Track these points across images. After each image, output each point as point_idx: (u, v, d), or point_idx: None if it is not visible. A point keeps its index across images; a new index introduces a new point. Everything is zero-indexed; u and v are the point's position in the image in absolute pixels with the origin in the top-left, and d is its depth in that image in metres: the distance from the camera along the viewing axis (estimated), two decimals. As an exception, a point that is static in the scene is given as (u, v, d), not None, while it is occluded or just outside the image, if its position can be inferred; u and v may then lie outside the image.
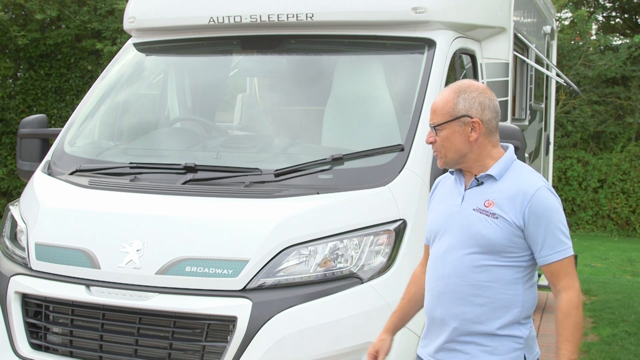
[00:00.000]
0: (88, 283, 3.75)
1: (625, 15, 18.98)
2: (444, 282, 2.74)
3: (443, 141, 2.73)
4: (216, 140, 4.96)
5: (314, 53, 5.03)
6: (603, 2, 18.93)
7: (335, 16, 4.60)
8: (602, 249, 12.96)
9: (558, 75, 8.56)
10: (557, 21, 12.65)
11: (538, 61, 7.15)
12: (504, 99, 5.18)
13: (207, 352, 3.53)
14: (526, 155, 4.92)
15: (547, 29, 8.30)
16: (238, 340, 3.44)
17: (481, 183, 2.74)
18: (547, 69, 7.92)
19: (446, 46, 4.49)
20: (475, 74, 5.03)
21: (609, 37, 16.92)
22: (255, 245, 3.58)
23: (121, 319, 3.69)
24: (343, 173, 3.97)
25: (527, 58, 6.52)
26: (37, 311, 3.91)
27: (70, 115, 5.20)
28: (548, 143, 8.84)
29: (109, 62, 5.29)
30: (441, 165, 2.80)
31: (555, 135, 11.29)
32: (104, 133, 5.12)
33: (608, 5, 19.01)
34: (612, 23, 19.29)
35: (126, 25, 5.23)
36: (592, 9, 18.06)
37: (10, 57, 14.01)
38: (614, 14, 19.24)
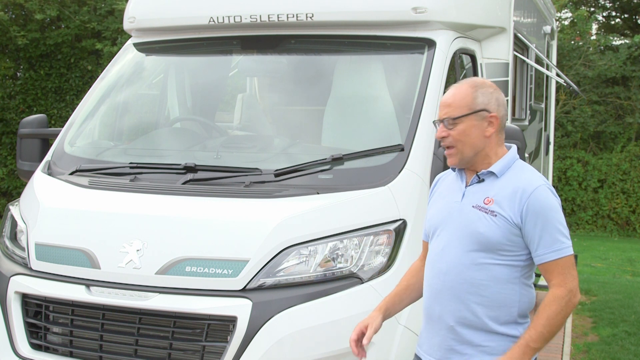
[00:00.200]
0: (88, 283, 3.74)
1: (625, 15, 18.98)
2: (442, 279, 2.75)
3: (460, 135, 2.70)
4: (216, 140, 4.96)
5: (314, 53, 5.02)
6: (603, 2, 18.93)
7: (335, 16, 4.60)
8: (602, 249, 12.96)
9: (558, 75, 8.56)
10: (557, 21, 12.66)
11: (538, 61, 7.15)
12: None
13: (207, 352, 3.52)
14: (526, 155, 4.92)
15: (547, 29, 8.30)
16: (238, 340, 3.44)
17: (482, 180, 2.74)
18: (547, 69, 7.91)
19: (446, 46, 4.49)
20: (475, 74, 5.02)
21: (609, 37, 16.93)
22: (255, 245, 3.57)
23: (121, 319, 3.68)
24: (343, 173, 3.97)
25: (527, 58, 6.52)
26: (37, 311, 3.90)
27: (70, 115, 5.20)
28: (548, 143, 8.84)
29: (109, 62, 5.29)
30: (454, 163, 2.76)
31: (555, 135, 11.30)
32: (104, 133, 5.12)
33: (608, 5, 19.01)
34: (612, 23, 19.29)
35: (126, 25, 5.23)
36: (592, 9, 18.06)
37: (10, 57, 14.01)
38: (614, 14, 19.24)
